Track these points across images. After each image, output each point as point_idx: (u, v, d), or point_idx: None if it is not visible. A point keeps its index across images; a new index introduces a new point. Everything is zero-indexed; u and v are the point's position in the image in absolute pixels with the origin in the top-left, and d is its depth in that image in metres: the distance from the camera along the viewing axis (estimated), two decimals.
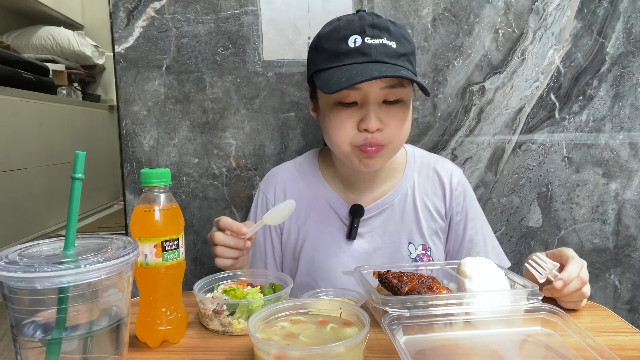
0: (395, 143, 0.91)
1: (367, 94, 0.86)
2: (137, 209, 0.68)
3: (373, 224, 1.01)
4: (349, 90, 0.85)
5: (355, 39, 0.85)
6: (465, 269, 0.74)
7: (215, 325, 0.73)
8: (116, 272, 0.53)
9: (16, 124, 2.53)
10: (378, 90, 0.86)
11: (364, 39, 0.85)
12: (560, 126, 1.27)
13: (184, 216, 0.73)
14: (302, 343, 0.59)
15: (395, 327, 0.63)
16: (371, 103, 0.86)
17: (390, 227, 1.01)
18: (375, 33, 0.85)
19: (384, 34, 0.86)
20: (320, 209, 1.02)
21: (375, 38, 0.85)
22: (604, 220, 1.31)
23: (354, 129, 0.88)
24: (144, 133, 1.26)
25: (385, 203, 1.01)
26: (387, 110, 0.88)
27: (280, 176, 1.07)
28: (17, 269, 0.47)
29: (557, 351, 0.62)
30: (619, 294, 1.34)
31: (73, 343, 0.51)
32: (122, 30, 1.22)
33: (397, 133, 0.89)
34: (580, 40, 1.24)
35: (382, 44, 0.85)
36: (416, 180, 1.04)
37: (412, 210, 1.02)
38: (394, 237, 1.01)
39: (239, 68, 1.24)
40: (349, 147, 0.90)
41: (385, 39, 0.85)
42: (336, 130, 0.89)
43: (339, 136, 0.89)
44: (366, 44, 0.85)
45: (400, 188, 1.02)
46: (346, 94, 0.86)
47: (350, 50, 0.85)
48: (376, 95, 0.86)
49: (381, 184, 1.02)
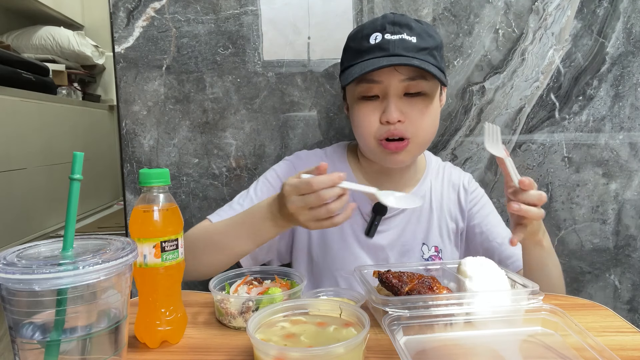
0: (420, 136, 0.92)
1: (387, 87, 0.89)
2: (136, 209, 0.68)
3: (391, 223, 1.03)
4: (370, 84, 0.90)
5: (376, 36, 0.89)
6: (466, 269, 0.74)
7: (240, 322, 0.73)
8: (115, 274, 0.52)
9: (16, 124, 2.53)
10: (398, 83, 0.88)
11: (384, 35, 0.88)
12: (560, 126, 1.27)
13: (184, 216, 0.72)
14: (302, 344, 0.59)
15: (395, 327, 0.63)
16: (391, 95, 0.89)
17: (407, 227, 1.03)
18: (396, 29, 0.88)
19: (405, 30, 0.88)
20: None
21: (395, 34, 0.88)
22: (604, 220, 1.30)
23: (377, 122, 0.91)
24: (144, 133, 1.26)
25: None
26: (409, 103, 0.90)
27: (312, 159, 1.07)
28: (16, 271, 0.47)
29: (557, 351, 0.62)
30: (619, 294, 1.34)
31: (72, 344, 0.51)
32: (122, 30, 1.22)
33: (419, 125, 0.90)
34: (580, 40, 1.24)
35: (401, 39, 0.88)
36: (432, 185, 1.07)
37: (428, 213, 1.05)
38: (409, 236, 1.03)
39: (239, 68, 1.24)
40: (374, 141, 0.92)
41: (405, 35, 0.88)
42: (361, 124, 0.93)
43: (364, 129, 0.92)
44: (385, 40, 0.88)
45: (419, 191, 1.05)
46: (367, 87, 0.90)
47: (371, 47, 0.89)
48: (396, 88, 0.89)
49: (404, 186, 1.04)
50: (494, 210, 1.10)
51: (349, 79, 0.88)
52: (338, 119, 1.27)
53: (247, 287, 0.79)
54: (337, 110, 1.26)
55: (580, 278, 1.32)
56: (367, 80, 0.90)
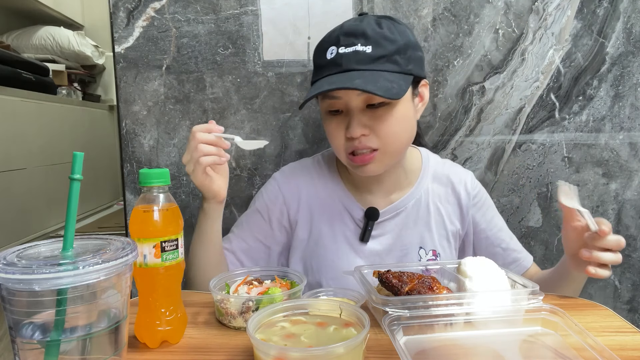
0: (390, 146, 0.89)
1: (347, 102, 0.87)
2: (136, 209, 0.68)
3: (386, 227, 1.01)
4: (332, 100, 0.88)
5: (332, 50, 0.87)
6: (466, 269, 0.74)
7: (240, 322, 0.73)
8: (115, 274, 0.52)
9: (16, 124, 2.53)
10: (356, 97, 0.86)
11: (339, 49, 0.86)
12: (560, 126, 1.27)
13: (184, 216, 0.72)
14: (302, 344, 0.59)
15: (395, 327, 0.63)
16: (353, 110, 0.87)
17: (402, 230, 1.01)
18: (349, 41, 0.86)
19: (359, 40, 0.85)
20: (335, 209, 1.02)
21: (349, 46, 0.85)
22: None
23: (343, 137, 0.89)
24: (144, 133, 1.26)
25: (399, 207, 1.01)
26: (372, 114, 0.87)
27: (299, 172, 1.06)
28: (16, 271, 0.47)
29: (557, 351, 0.62)
30: (619, 294, 1.34)
31: (72, 344, 0.51)
32: (122, 30, 1.22)
33: (385, 135, 0.88)
34: (580, 40, 1.24)
35: (354, 51, 0.85)
36: (430, 186, 1.04)
37: (425, 216, 1.02)
38: (405, 240, 1.01)
39: (239, 68, 1.24)
40: (344, 155, 0.91)
41: (359, 45, 0.85)
42: (330, 138, 0.93)
43: (333, 144, 0.92)
44: (339, 54, 0.86)
45: (414, 193, 1.02)
46: (329, 103, 0.89)
47: (327, 62, 0.88)
48: (356, 103, 0.87)
49: (397, 188, 1.02)
50: (496, 212, 1.07)
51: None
52: None
53: (247, 287, 0.79)
54: None
55: None
56: (328, 97, 0.88)
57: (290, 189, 1.03)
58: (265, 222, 1.03)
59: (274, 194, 1.04)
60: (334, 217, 1.01)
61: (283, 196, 1.03)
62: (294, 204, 1.03)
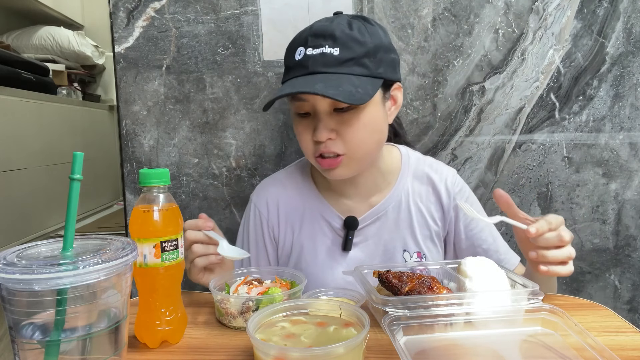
0: (356, 152, 0.88)
1: (314, 105, 0.86)
2: (136, 209, 0.68)
3: (367, 232, 1.00)
4: (299, 102, 0.87)
5: (300, 51, 0.86)
6: (466, 269, 0.74)
7: (240, 322, 0.73)
8: (115, 274, 0.52)
9: (16, 124, 2.53)
10: (322, 100, 0.84)
11: (306, 50, 0.85)
12: (560, 126, 1.27)
13: (184, 216, 0.72)
14: (302, 344, 0.59)
15: (395, 327, 0.63)
16: (319, 113, 0.86)
17: (384, 235, 1.00)
18: (317, 42, 0.84)
19: (328, 41, 0.83)
20: (314, 221, 1.01)
21: (316, 47, 0.84)
22: (604, 220, 1.30)
23: (310, 140, 0.88)
24: (144, 133, 1.26)
25: (379, 211, 0.99)
26: (340, 118, 0.86)
27: (272, 189, 1.04)
28: (16, 271, 0.47)
29: (557, 351, 0.62)
30: (619, 294, 1.34)
31: (72, 344, 0.51)
32: (122, 30, 1.22)
33: (351, 140, 0.86)
34: (580, 40, 1.24)
35: (321, 53, 0.83)
36: (410, 186, 1.01)
37: (406, 218, 1.00)
38: (388, 245, 1.00)
39: (239, 68, 1.24)
40: (313, 158, 0.90)
41: (326, 47, 0.83)
42: (299, 141, 0.92)
43: (302, 147, 0.91)
44: (306, 56, 0.84)
45: (394, 195, 1.00)
46: (297, 105, 0.88)
47: (295, 63, 0.86)
48: (322, 106, 0.85)
49: (375, 191, 1.00)
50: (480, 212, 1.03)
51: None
52: None
53: (247, 287, 0.79)
54: None
55: (580, 278, 1.32)
56: (295, 99, 0.87)
57: (269, 207, 1.03)
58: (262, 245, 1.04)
59: (254, 216, 1.04)
60: (314, 229, 1.00)
61: (261, 216, 1.03)
62: (275, 220, 1.03)
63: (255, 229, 1.04)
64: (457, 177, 1.04)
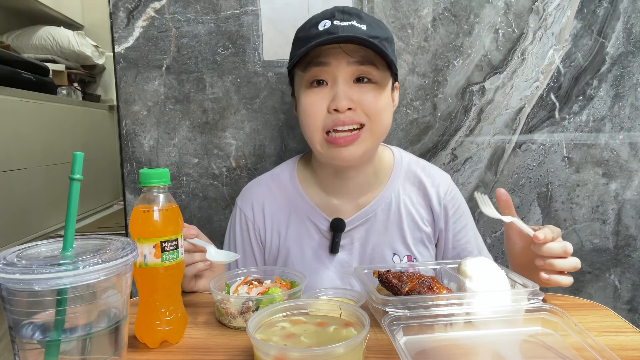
0: (374, 123, 0.86)
1: (335, 71, 0.84)
2: (136, 209, 0.68)
3: (355, 235, 0.98)
4: (318, 67, 0.85)
5: (325, 23, 0.85)
6: (466, 269, 0.74)
7: (240, 322, 0.73)
8: (115, 274, 0.52)
9: (16, 124, 2.53)
10: (346, 66, 0.84)
11: (333, 21, 0.84)
12: (560, 126, 1.27)
13: (184, 216, 0.72)
14: (302, 344, 0.59)
15: (395, 327, 0.63)
16: (340, 81, 0.84)
17: (373, 238, 0.98)
18: (345, 17, 0.85)
19: (354, 18, 0.85)
20: (300, 224, 0.99)
21: (344, 21, 0.84)
22: (604, 220, 1.30)
23: (324, 111, 0.85)
24: (144, 133, 1.26)
25: (368, 213, 0.97)
26: (360, 89, 0.85)
27: (258, 192, 1.03)
28: (15, 271, 0.47)
29: (557, 351, 0.62)
30: (619, 294, 1.34)
31: (72, 344, 0.51)
32: (122, 30, 1.22)
33: (372, 111, 0.85)
34: (580, 40, 1.24)
35: (351, 25, 0.84)
36: (401, 188, 0.99)
37: (396, 220, 0.98)
38: (377, 248, 0.98)
39: (239, 68, 1.24)
40: (321, 135, 0.87)
41: (354, 22, 0.84)
42: (308, 113, 0.87)
43: (311, 120, 0.87)
44: (334, 25, 0.84)
45: (383, 197, 0.98)
46: (315, 72, 0.85)
47: (319, 32, 0.84)
48: (345, 72, 0.84)
49: (364, 191, 0.98)
50: (469, 222, 1.02)
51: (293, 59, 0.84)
52: None
53: (247, 287, 0.79)
54: None
55: (580, 278, 1.32)
56: (314, 63, 0.84)
57: (254, 211, 1.02)
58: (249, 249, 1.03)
59: (240, 220, 1.03)
60: (300, 232, 0.99)
61: (247, 220, 1.02)
62: (261, 223, 1.02)
63: (242, 233, 1.03)
64: (451, 184, 1.03)
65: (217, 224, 1.29)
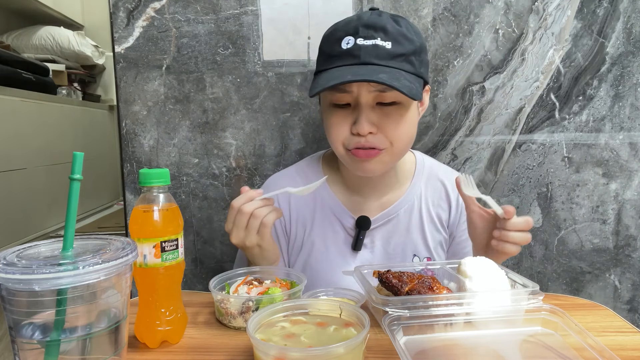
0: (395, 147, 0.87)
1: (357, 96, 0.84)
2: (136, 209, 0.68)
3: (377, 234, 0.99)
4: (341, 93, 0.84)
5: (348, 41, 0.83)
6: (466, 269, 0.74)
7: (240, 322, 0.73)
8: (115, 274, 0.52)
9: (16, 124, 2.53)
10: (367, 93, 0.83)
11: (357, 40, 0.82)
12: (560, 126, 1.27)
13: (184, 216, 0.72)
14: (302, 344, 0.59)
15: (395, 327, 0.63)
16: (362, 106, 0.84)
17: (395, 238, 0.99)
18: (369, 33, 0.82)
19: (379, 34, 0.82)
20: (325, 219, 1.00)
21: (368, 39, 0.82)
22: (604, 220, 1.30)
23: (347, 131, 0.86)
24: (144, 133, 1.26)
25: (391, 213, 0.99)
26: (382, 112, 0.85)
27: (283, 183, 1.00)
28: (15, 271, 0.47)
29: (557, 351, 0.62)
30: (619, 294, 1.34)
31: (72, 344, 0.51)
32: (122, 30, 1.22)
33: (393, 136, 0.85)
34: (580, 40, 1.24)
35: (374, 45, 0.81)
36: (423, 191, 1.01)
37: (418, 222, 1.00)
38: (398, 248, 0.99)
39: (239, 68, 1.24)
40: (344, 149, 0.88)
41: (379, 40, 0.82)
42: (331, 131, 0.88)
43: (334, 138, 0.88)
44: (357, 45, 0.82)
45: (407, 198, 1.00)
46: (338, 96, 0.85)
47: (341, 52, 0.83)
48: (367, 98, 0.84)
49: (388, 191, 1.00)
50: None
51: (315, 89, 0.82)
52: None
53: (247, 287, 0.79)
54: None
55: (580, 278, 1.32)
56: (337, 90, 0.84)
57: (280, 202, 1.01)
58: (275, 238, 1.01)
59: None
60: (325, 227, 1.00)
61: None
62: (287, 214, 1.01)
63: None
64: None
65: (217, 224, 1.29)
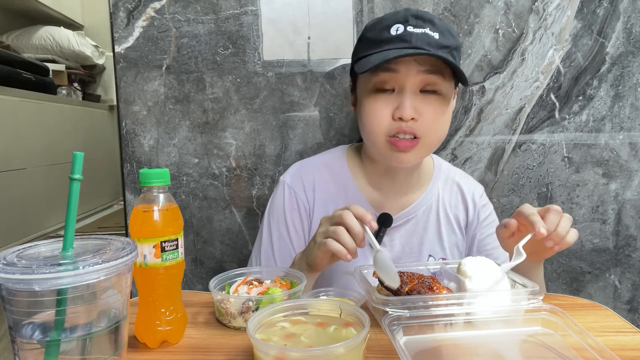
0: (431, 137, 0.88)
1: (404, 79, 0.84)
2: (136, 209, 0.68)
3: (396, 233, 1.00)
4: (386, 74, 0.85)
5: (397, 27, 0.85)
6: (466, 269, 0.74)
7: (240, 322, 0.73)
8: (115, 274, 0.52)
9: (16, 124, 2.53)
10: (415, 74, 0.84)
11: (407, 27, 0.84)
12: (560, 126, 1.27)
13: (184, 216, 0.72)
14: (302, 344, 0.59)
15: (395, 327, 0.63)
16: (407, 90, 0.85)
17: (412, 237, 1.00)
18: (419, 23, 0.84)
19: (428, 25, 0.85)
20: None
21: (418, 27, 0.84)
22: (604, 220, 1.30)
23: (389, 117, 0.86)
24: (144, 133, 1.26)
25: (410, 213, 1.00)
26: (424, 100, 0.86)
27: (308, 172, 1.02)
28: (16, 271, 0.47)
29: (557, 351, 0.62)
30: (619, 294, 1.34)
31: (72, 344, 0.51)
32: (122, 30, 1.22)
33: (432, 125, 0.86)
34: (580, 40, 1.24)
35: (425, 33, 0.84)
36: (440, 192, 1.03)
37: (435, 223, 1.01)
38: (415, 248, 1.00)
39: (239, 68, 1.24)
40: (383, 138, 0.88)
41: (428, 29, 0.84)
42: (371, 118, 0.88)
43: (374, 125, 0.88)
44: (408, 32, 0.84)
45: (425, 199, 1.01)
46: (383, 78, 0.86)
47: (391, 37, 0.85)
48: (413, 81, 0.85)
49: (408, 191, 1.00)
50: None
51: (367, 66, 0.83)
52: (338, 119, 1.27)
53: (247, 287, 0.79)
54: (337, 110, 1.26)
55: (580, 278, 1.32)
56: (384, 69, 0.85)
57: (305, 189, 1.00)
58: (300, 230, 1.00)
59: (290, 198, 1.00)
60: None
61: (297, 197, 1.00)
62: (312, 203, 1.00)
63: (292, 212, 1.00)
64: (484, 194, 1.07)
65: (217, 224, 1.29)
